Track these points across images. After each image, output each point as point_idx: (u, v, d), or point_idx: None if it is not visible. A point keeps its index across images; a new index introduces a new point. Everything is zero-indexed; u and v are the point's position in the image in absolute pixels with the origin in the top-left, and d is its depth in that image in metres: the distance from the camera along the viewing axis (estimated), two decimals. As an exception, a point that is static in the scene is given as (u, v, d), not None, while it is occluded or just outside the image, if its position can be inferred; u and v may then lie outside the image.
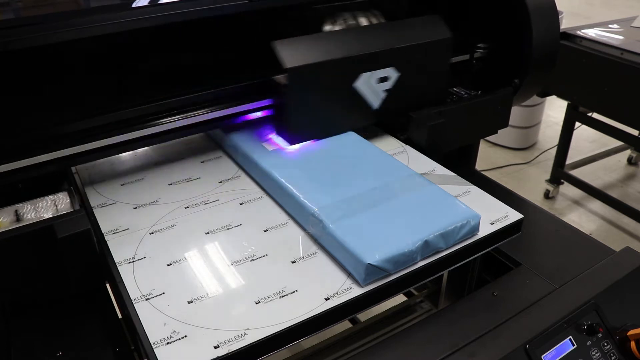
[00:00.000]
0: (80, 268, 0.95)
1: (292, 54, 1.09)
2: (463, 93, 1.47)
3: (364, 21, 1.29)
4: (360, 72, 1.18)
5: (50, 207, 1.00)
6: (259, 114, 1.21)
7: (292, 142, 1.18)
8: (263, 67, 1.14)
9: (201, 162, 1.23)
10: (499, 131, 1.45)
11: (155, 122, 1.10)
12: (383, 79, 1.22)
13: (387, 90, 1.24)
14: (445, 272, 1.08)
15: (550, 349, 0.89)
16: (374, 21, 1.31)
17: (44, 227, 0.91)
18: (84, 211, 0.96)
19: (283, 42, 1.10)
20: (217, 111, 1.15)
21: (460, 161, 1.54)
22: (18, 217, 0.97)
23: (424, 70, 1.28)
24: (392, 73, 1.22)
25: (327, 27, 1.24)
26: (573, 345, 0.91)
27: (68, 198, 1.02)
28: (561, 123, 2.86)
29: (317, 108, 1.17)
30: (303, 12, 1.23)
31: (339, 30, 1.24)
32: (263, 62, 1.11)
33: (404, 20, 1.28)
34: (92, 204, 1.07)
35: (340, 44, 1.15)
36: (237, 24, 1.25)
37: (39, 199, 1.01)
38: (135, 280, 0.88)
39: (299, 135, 1.19)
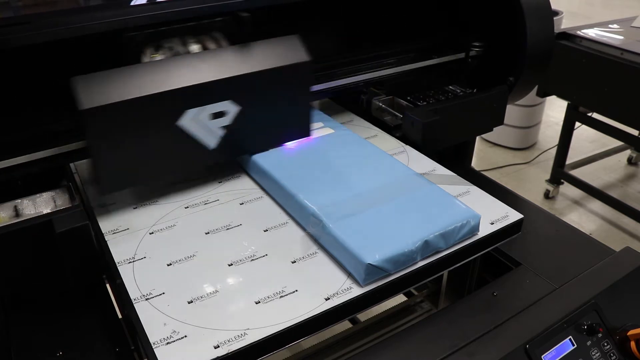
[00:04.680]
0: (78, 263, 0.95)
1: (93, 91, 0.92)
2: (458, 91, 1.47)
3: (196, 48, 1.07)
4: (185, 108, 1.00)
5: (49, 202, 1.01)
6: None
7: (103, 192, 1.03)
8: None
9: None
10: (499, 131, 1.45)
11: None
12: (218, 115, 1.05)
13: (225, 127, 1.07)
14: (445, 272, 1.08)
15: (550, 349, 0.89)
16: (212, 47, 1.09)
17: (43, 222, 0.92)
18: (82, 206, 0.97)
19: (84, 77, 0.93)
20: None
21: (456, 159, 1.54)
22: (17, 213, 0.98)
23: (275, 101, 1.11)
24: (229, 107, 1.05)
25: (147, 58, 1.04)
26: (573, 345, 0.91)
27: (67, 194, 1.02)
28: (561, 123, 2.86)
29: (133, 152, 1.00)
30: (116, 41, 1.01)
31: (158, 60, 1.03)
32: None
33: (249, 44, 1.07)
34: (91, 204, 1.07)
35: (156, 78, 0.98)
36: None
37: (37, 195, 1.01)
38: (135, 280, 0.88)
39: (114, 183, 1.02)
